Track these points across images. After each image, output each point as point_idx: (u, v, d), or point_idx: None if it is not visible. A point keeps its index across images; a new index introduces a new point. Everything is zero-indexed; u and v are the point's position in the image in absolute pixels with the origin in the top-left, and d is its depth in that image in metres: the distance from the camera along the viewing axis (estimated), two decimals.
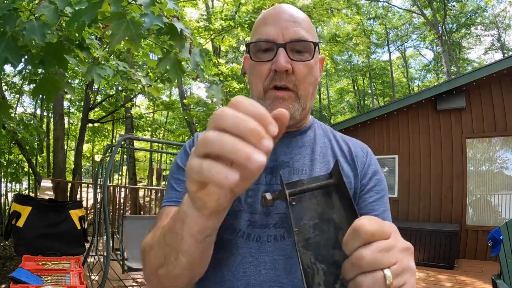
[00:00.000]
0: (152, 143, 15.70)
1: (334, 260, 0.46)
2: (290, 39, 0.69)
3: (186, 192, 0.74)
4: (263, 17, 0.74)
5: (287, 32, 0.70)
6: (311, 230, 0.48)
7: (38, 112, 14.17)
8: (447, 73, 15.21)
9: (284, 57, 0.68)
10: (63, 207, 3.05)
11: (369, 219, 0.40)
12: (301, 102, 0.72)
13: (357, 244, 0.39)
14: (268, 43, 0.70)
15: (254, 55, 0.73)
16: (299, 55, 0.71)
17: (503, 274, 2.76)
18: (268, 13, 0.74)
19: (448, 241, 5.24)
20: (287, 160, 0.76)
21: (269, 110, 0.70)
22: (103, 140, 17.83)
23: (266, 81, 0.71)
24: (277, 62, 0.68)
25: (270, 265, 0.68)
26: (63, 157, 8.91)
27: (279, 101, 0.71)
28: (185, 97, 14.05)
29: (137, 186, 11.04)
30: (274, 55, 0.69)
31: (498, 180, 5.90)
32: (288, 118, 0.41)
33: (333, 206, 0.50)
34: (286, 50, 0.69)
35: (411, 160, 6.36)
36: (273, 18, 0.72)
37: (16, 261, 5.43)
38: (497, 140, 5.92)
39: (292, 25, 0.70)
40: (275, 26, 0.70)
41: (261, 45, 0.71)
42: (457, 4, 17.15)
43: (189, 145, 0.83)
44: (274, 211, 0.70)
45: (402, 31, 21.95)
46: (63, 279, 2.10)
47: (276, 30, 0.70)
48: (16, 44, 1.54)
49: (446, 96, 6.05)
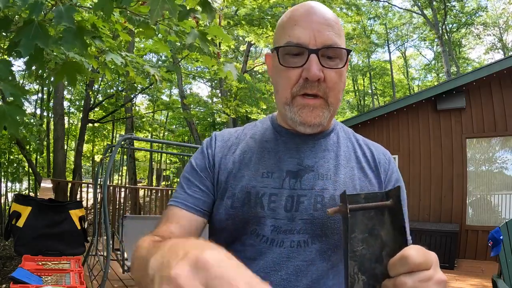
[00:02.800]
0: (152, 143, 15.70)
1: (375, 273, 0.50)
2: (322, 45, 0.66)
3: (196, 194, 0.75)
4: (292, 17, 0.69)
5: (320, 36, 0.66)
6: (359, 243, 0.50)
7: (38, 112, 14.17)
8: (447, 73, 15.21)
9: (316, 65, 0.65)
10: (63, 207, 3.05)
11: (417, 250, 0.45)
12: (330, 109, 0.71)
13: (402, 271, 0.44)
14: (299, 47, 0.66)
15: (283, 59, 0.69)
16: (331, 61, 0.67)
17: (503, 274, 2.76)
18: (299, 12, 0.69)
19: (448, 241, 5.24)
20: (311, 165, 0.74)
21: (296, 116, 0.71)
22: (103, 140, 17.84)
23: (295, 88, 0.68)
24: (310, 71, 0.65)
25: (292, 270, 0.68)
26: (63, 157, 8.91)
27: (309, 108, 0.69)
28: (185, 96, 14.06)
29: (137, 186, 11.04)
30: (305, 61, 0.66)
31: (498, 180, 5.90)
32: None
33: (383, 224, 0.52)
34: (318, 56, 0.65)
35: (411, 160, 6.36)
36: (304, 20, 0.67)
37: (16, 261, 5.43)
38: (497, 140, 5.92)
39: (325, 29, 0.66)
40: (307, 29, 0.66)
41: (292, 50, 0.67)
42: (457, 4, 17.15)
43: (207, 144, 0.81)
44: (299, 217, 0.69)
45: (403, 30, 21.96)
46: (63, 279, 2.10)
47: (308, 33, 0.66)
48: (43, 31, 1.58)
49: (446, 96, 6.05)
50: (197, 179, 0.76)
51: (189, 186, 0.75)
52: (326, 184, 0.72)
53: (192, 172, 0.77)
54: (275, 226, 0.69)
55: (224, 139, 0.80)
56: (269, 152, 0.76)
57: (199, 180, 0.76)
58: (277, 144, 0.76)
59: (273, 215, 0.69)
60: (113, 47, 2.44)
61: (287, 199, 0.70)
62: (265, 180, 0.72)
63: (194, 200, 0.74)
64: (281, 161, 0.74)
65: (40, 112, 14.03)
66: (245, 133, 0.81)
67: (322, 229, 0.69)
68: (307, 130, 0.72)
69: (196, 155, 0.80)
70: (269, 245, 0.69)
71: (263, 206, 0.70)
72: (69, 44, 1.66)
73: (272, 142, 0.77)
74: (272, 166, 0.73)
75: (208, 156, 0.78)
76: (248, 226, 0.70)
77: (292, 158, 0.74)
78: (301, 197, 0.70)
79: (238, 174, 0.74)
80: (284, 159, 0.74)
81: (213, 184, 0.76)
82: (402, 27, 21.81)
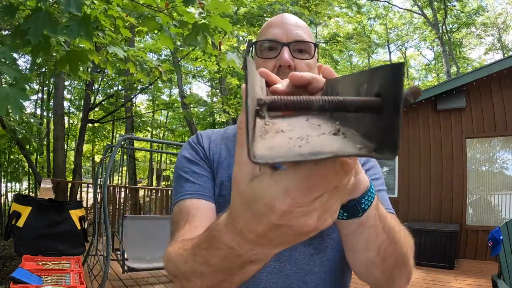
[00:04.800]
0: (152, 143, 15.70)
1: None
2: (293, 40, 0.77)
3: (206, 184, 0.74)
4: (269, 22, 0.83)
5: (291, 34, 0.78)
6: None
7: (38, 112, 14.17)
8: (447, 73, 15.20)
9: (288, 54, 0.76)
10: (63, 207, 3.05)
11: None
12: None
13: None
14: (274, 42, 0.78)
15: (260, 53, 0.80)
16: (301, 54, 0.78)
17: (503, 274, 2.76)
18: (274, 19, 0.83)
19: (448, 241, 5.24)
20: None
21: None
22: (103, 140, 17.83)
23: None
24: (282, 57, 0.75)
25: (275, 257, 0.70)
26: (63, 157, 8.91)
27: None
28: (185, 96, 14.05)
29: (137, 186, 11.04)
30: (278, 53, 0.77)
31: (498, 180, 5.89)
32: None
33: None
34: (290, 49, 0.77)
35: (411, 160, 6.36)
36: (278, 23, 0.80)
37: (16, 261, 5.43)
38: (497, 140, 5.92)
39: (295, 29, 0.79)
40: (280, 28, 0.79)
41: (267, 44, 0.79)
42: (457, 4, 17.14)
43: (193, 141, 0.83)
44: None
45: (403, 31, 21.95)
46: (63, 279, 2.09)
47: (281, 31, 0.78)
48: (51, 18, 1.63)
49: (446, 96, 6.05)
50: (200, 168, 0.77)
51: (196, 178, 0.74)
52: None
53: (193, 164, 0.77)
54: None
55: (209, 136, 0.85)
56: None
57: (203, 169, 0.77)
58: None
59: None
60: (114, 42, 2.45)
61: None
62: None
63: (206, 189, 0.74)
64: None
65: (40, 112, 14.02)
66: (228, 133, 0.86)
67: None
68: None
69: (185, 151, 0.81)
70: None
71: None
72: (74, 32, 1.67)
73: None
74: None
75: (199, 149, 0.81)
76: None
77: None
78: None
79: (224, 163, 0.78)
80: None
81: (212, 171, 0.78)
82: (402, 27, 21.80)
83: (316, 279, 0.71)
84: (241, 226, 0.33)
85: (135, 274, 4.08)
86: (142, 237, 3.94)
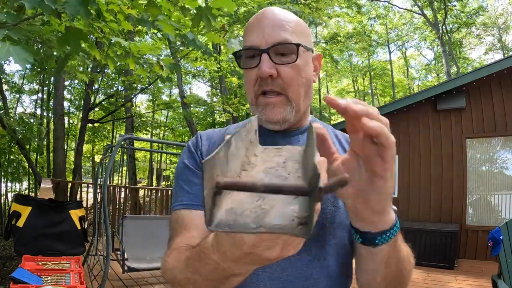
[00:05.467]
0: (152, 143, 15.69)
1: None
2: (272, 43, 0.69)
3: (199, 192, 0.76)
4: (247, 26, 0.75)
5: (270, 37, 0.70)
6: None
7: (38, 112, 14.17)
8: (447, 73, 15.20)
9: (267, 63, 0.69)
10: (63, 207, 3.05)
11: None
12: (293, 105, 0.72)
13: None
14: (252, 50, 0.71)
15: (243, 63, 0.74)
16: (284, 57, 0.70)
17: (503, 274, 2.76)
18: (253, 19, 0.75)
19: (448, 241, 5.24)
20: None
21: (262, 115, 0.72)
22: (103, 140, 17.83)
23: (255, 87, 0.72)
24: (260, 68, 0.69)
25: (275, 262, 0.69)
26: (63, 157, 8.91)
27: (270, 107, 0.72)
28: (185, 96, 14.05)
29: (137, 186, 11.04)
30: (258, 61, 0.70)
31: (498, 180, 5.89)
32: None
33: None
34: (270, 54, 0.69)
35: (411, 160, 6.36)
36: (255, 25, 0.73)
37: (16, 261, 5.43)
38: (497, 140, 5.92)
39: (275, 29, 0.70)
40: (257, 32, 0.71)
41: (246, 53, 0.73)
42: (458, 4, 17.14)
43: (193, 144, 0.82)
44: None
45: (403, 31, 21.96)
46: (63, 279, 2.09)
47: (259, 36, 0.70)
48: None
49: (446, 96, 6.05)
50: (194, 177, 0.78)
51: (190, 187, 0.76)
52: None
53: (188, 172, 0.78)
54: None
55: (209, 138, 0.83)
56: None
57: (198, 176, 0.78)
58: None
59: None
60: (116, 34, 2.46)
61: None
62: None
63: (198, 198, 0.74)
64: None
65: (40, 112, 14.03)
66: (228, 133, 0.84)
67: None
68: (275, 127, 0.74)
69: (184, 156, 0.81)
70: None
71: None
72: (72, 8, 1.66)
73: None
74: None
75: (196, 155, 0.80)
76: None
77: None
78: None
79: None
80: None
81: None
82: (402, 27, 21.80)
83: (315, 285, 0.70)
84: (224, 249, 0.40)
85: (135, 274, 4.08)
86: (142, 237, 3.94)
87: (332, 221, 0.70)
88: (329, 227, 0.70)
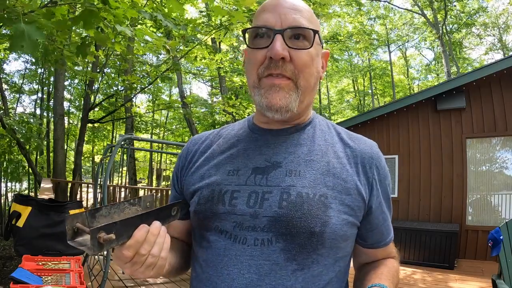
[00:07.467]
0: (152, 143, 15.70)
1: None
2: (288, 26, 0.66)
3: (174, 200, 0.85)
4: (262, 6, 0.71)
5: (286, 19, 0.67)
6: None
7: (38, 112, 14.17)
8: (447, 73, 15.20)
9: (280, 44, 0.65)
10: (63, 207, 3.05)
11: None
12: (299, 93, 0.69)
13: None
14: (265, 29, 0.67)
15: (251, 42, 0.70)
16: (299, 42, 0.67)
17: (503, 274, 2.76)
18: (269, 2, 0.71)
19: (448, 241, 5.24)
20: (280, 161, 0.71)
21: (263, 98, 0.69)
22: (103, 140, 17.84)
23: (260, 68, 0.68)
24: (273, 48, 0.65)
25: (254, 269, 0.65)
26: (63, 157, 8.90)
27: (275, 89, 0.67)
28: (185, 97, 14.05)
29: (137, 186, 11.04)
30: (270, 41, 0.66)
31: (498, 180, 5.89)
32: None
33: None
34: (284, 37, 0.66)
35: (411, 160, 6.36)
36: (272, 6, 0.69)
37: (16, 261, 5.43)
38: (497, 140, 5.92)
39: (292, 12, 0.67)
40: (274, 13, 0.68)
41: (258, 31, 0.68)
42: (458, 4, 17.13)
43: (184, 148, 0.87)
44: (262, 214, 0.67)
45: (403, 31, 21.95)
46: (63, 279, 2.09)
47: (275, 16, 0.67)
48: None
49: (446, 96, 6.05)
50: (174, 184, 0.85)
51: (171, 193, 0.86)
52: (294, 180, 0.69)
53: (173, 178, 0.86)
54: (237, 223, 0.68)
55: (199, 142, 0.84)
56: (239, 150, 0.76)
57: (175, 184, 0.85)
58: (249, 142, 0.77)
59: (234, 211, 0.68)
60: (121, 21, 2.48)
61: (250, 195, 0.69)
62: (230, 177, 0.72)
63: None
64: (250, 159, 0.74)
65: (40, 112, 14.02)
66: (220, 134, 0.84)
67: (287, 228, 0.65)
68: (275, 116, 0.69)
69: (176, 163, 0.87)
70: (233, 242, 0.68)
71: (224, 202, 0.70)
72: None
73: (244, 141, 0.78)
74: (239, 164, 0.74)
75: (181, 160, 0.84)
76: (211, 222, 0.71)
77: (261, 155, 0.74)
78: (266, 193, 0.68)
79: (206, 174, 0.76)
80: (252, 156, 0.74)
81: (181, 187, 0.83)
82: (402, 28, 21.80)
83: None
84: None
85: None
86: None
87: (322, 230, 0.66)
88: (319, 236, 0.66)
